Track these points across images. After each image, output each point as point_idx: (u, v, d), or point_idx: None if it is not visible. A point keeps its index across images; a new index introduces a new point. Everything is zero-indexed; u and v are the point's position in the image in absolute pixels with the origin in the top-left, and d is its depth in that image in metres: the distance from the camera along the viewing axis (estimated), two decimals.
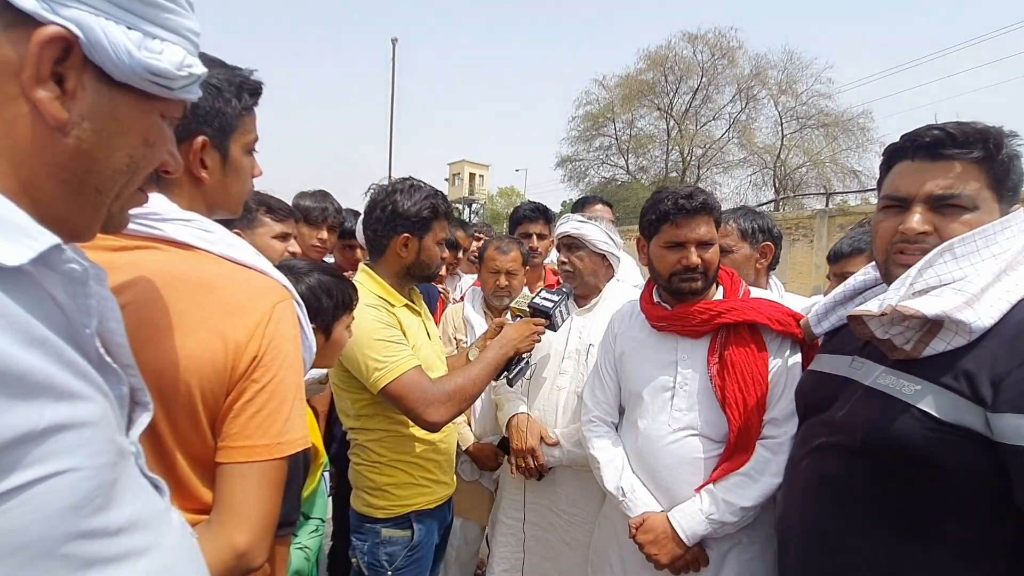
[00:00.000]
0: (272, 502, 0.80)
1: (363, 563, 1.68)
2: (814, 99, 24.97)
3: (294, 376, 0.83)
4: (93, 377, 0.49)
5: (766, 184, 26.14)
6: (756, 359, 1.44)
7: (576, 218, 2.01)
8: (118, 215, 0.61)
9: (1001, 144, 0.97)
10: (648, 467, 1.55)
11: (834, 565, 1.07)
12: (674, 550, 1.44)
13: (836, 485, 1.08)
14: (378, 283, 1.67)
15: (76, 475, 0.44)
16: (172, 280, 0.79)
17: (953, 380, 0.92)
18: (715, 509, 1.40)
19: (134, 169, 0.58)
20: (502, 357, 1.67)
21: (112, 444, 0.49)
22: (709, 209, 1.48)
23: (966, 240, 0.97)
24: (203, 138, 0.86)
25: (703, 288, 1.52)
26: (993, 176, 0.98)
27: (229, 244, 0.86)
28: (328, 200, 2.52)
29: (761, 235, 1.98)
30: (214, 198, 0.91)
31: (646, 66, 26.85)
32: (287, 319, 0.84)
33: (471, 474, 2.32)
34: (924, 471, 0.95)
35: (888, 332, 0.99)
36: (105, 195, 0.57)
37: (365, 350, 1.52)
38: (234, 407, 0.79)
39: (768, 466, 1.39)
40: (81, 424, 0.45)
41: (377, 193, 1.68)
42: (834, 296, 1.30)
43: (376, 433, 1.66)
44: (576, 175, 29.55)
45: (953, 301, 0.93)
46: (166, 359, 0.76)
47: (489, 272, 2.38)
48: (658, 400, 1.55)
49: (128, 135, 0.56)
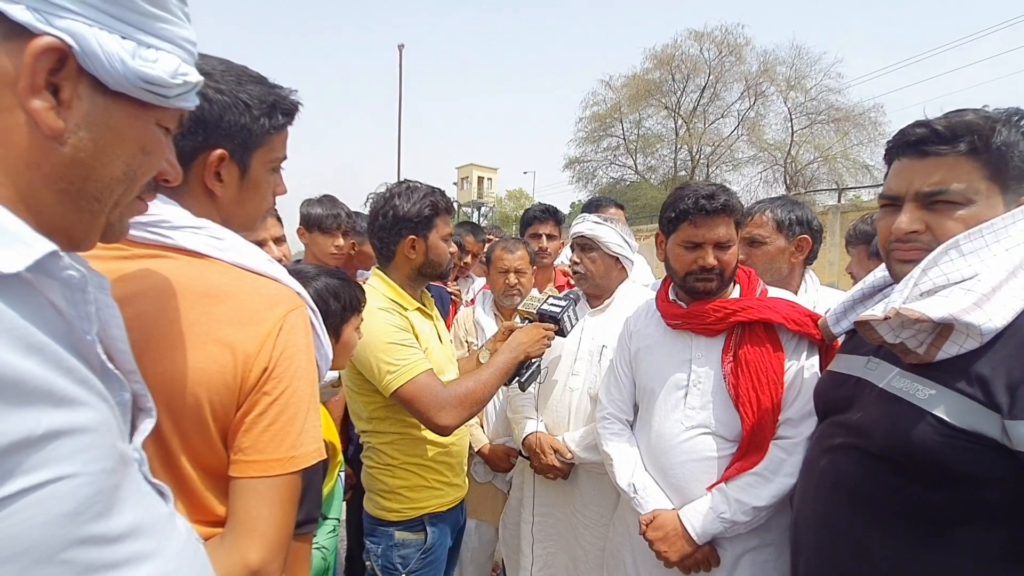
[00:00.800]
0: (286, 517, 0.78)
1: (377, 566, 1.68)
2: (824, 94, 24.77)
3: (308, 387, 0.81)
4: (93, 383, 0.49)
5: (777, 181, 25.92)
6: (771, 358, 1.42)
7: (592, 219, 1.99)
8: (117, 224, 0.61)
9: (988, 134, 0.93)
10: (660, 465, 1.54)
11: (846, 566, 1.04)
12: (684, 548, 1.43)
13: (851, 486, 1.06)
14: (390, 287, 1.68)
15: (75, 481, 0.44)
16: (181, 289, 0.78)
17: (967, 385, 0.89)
18: (727, 508, 1.39)
19: (132, 177, 0.59)
20: (512, 361, 1.67)
21: (113, 450, 0.49)
22: (730, 210, 1.46)
23: (973, 236, 0.93)
24: (221, 151, 0.85)
25: (717, 289, 1.51)
26: (990, 167, 0.94)
27: (240, 251, 0.84)
28: (338, 206, 2.51)
29: (799, 227, 1.84)
30: (228, 212, 0.90)
31: (653, 65, 26.80)
32: (299, 328, 0.82)
33: (485, 476, 2.32)
34: (940, 476, 0.92)
35: (899, 336, 0.96)
36: (103, 204, 0.57)
37: (378, 353, 1.53)
38: (245, 420, 0.78)
39: (782, 466, 1.38)
40: (80, 430, 0.46)
41: (376, 201, 1.69)
42: (852, 295, 1.28)
43: (389, 436, 1.66)
44: (584, 176, 29.53)
45: (962, 302, 0.89)
46: (175, 371, 0.75)
47: (498, 272, 2.38)
48: (672, 398, 1.54)
49: (124, 143, 0.57)
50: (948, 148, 0.96)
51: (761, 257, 1.84)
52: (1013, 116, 0.95)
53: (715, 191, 1.46)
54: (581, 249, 1.99)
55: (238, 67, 0.87)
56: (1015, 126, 0.94)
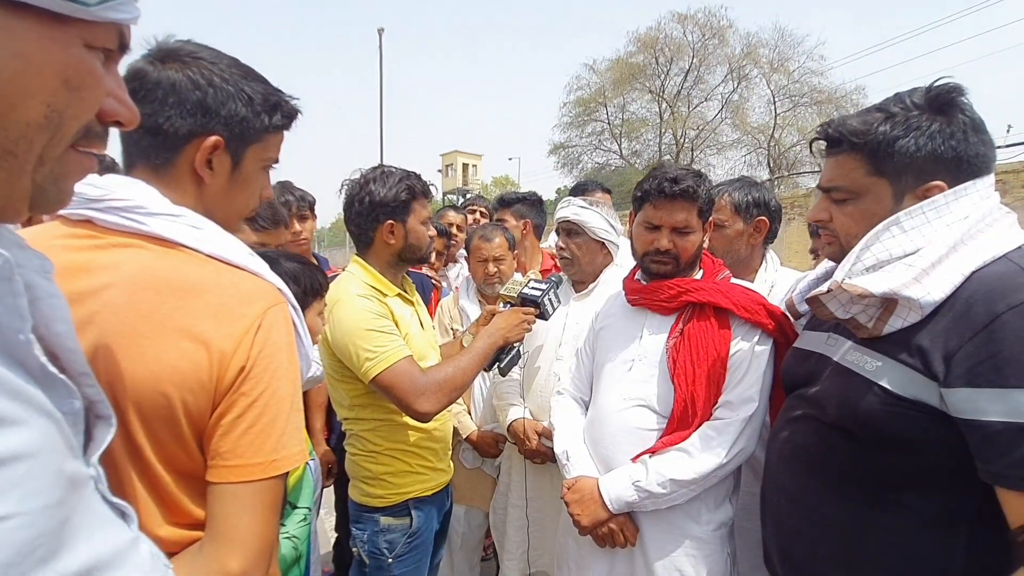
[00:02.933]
0: (268, 523, 0.74)
1: (364, 552, 1.69)
2: (806, 76, 24.79)
3: (288, 387, 0.77)
4: (30, 395, 0.40)
5: (760, 164, 26.02)
6: (715, 336, 1.43)
7: (577, 203, 1.97)
8: (50, 187, 0.48)
9: (865, 133, 1.01)
10: (594, 435, 1.57)
11: (808, 531, 1.10)
12: (597, 513, 1.43)
13: (808, 454, 1.12)
14: (370, 273, 1.67)
15: (10, 524, 0.37)
16: (154, 281, 0.74)
17: (909, 356, 0.94)
18: (642, 477, 1.40)
19: (56, 122, 0.45)
20: (491, 347, 1.68)
21: (59, 477, 0.41)
22: (691, 196, 1.45)
23: (913, 212, 0.98)
24: (217, 138, 0.81)
25: (672, 273, 1.52)
26: (871, 162, 1.02)
27: (219, 243, 0.81)
28: (287, 191, 2.46)
29: (756, 209, 1.86)
30: (213, 203, 0.86)
31: (636, 49, 26.59)
32: (279, 325, 0.78)
33: (473, 462, 2.33)
34: (887, 443, 0.97)
35: (849, 311, 1.01)
36: (21, 159, 0.44)
37: (357, 340, 1.53)
38: (222, 423, 0.74)
39: (709, 444, 1.37)
40: (13, 458, 0.37)
41: (351, 188, 1.68)
42: (816, 273, 1.33)
43: (371, 423, 1.67)
44: (569, 162, 29.37)
45: (902, 277, 0.94)
46: (145, 368, 0.71)
47: (477, 261, 2.38)
48: (617, 371, 1.56)
49: (38, 75, 0.43)
50: (836, 149, 1.07)
51: (720, 240, 1.87)
52: (881, 109, 1.02)
53: (681, 175, 1.45)
54: (567, 234, 1.99)
55: (246, 66, 0.87)
56: (894, 121, 1.00)
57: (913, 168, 0.99)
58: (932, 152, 0.98)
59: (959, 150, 0.97)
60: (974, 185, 0.98)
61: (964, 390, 0.87)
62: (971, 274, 0.92)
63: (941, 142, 0.97)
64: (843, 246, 1.08)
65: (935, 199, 0.97)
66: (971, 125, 0.98)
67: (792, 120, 25.37)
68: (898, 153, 0.99)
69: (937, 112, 0.99)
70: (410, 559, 1.70)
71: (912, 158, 0.99)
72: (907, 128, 0.99)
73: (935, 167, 0.98)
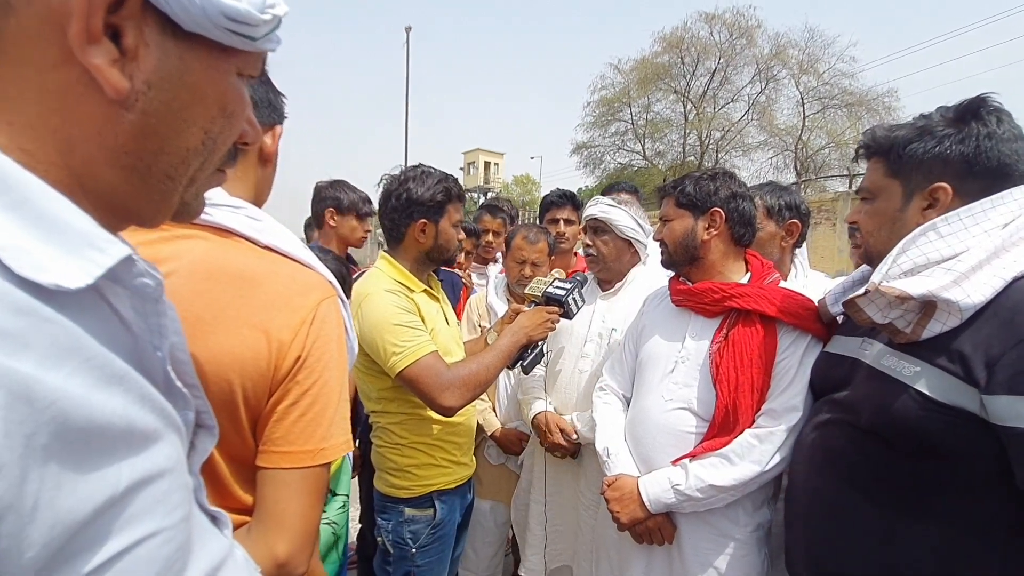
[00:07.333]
0: (314, 509, 0.76)
1: (388, 542, 1.72)
2: (837, 78, 24.29)
3: (338, 378, 0.79)
4: (168, 411, 0.41)
5: (787, 166, 25.58)
6: (761, 343, 1.41)
7: (606, 201, 1.98)
8: (193, 202, 0.50)
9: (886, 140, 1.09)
10: (635, 434, 1.58)
11: (835, 534, 1.10)
12: (635, 512, 1.46)
13: (841, 459, 1.11)
14: (397, 269, 1.70)
15: (156, 540, 0.37)
16: (215, 271, 0.76)
17: (949, 362, 0.94)
18: (682, 481, 1.41)
19: (211, 147, 0.47)
20: (514, 345, 1.68)
21: (187, 491, 0.42)
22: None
23: (950, 219, 0.99)
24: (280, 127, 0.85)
25: (668, 260, 1.62)
26: (890, 165, 1.09)
27: (276, 234, 0.83)
28: (349, 190, 2.58)
29: (788, 212, 1.89)
30: (264, 186, 0.89)
31: (662, 48, 26.36)
32: (332, 317, 0.80)
33: (497, 458, 2.34)
34: (923, 449, 0.96)
35: (888, 316, 1.01)
36: (177, 181, 0.46)
37: (384, 335, 1.55)
38: (276, 409, 0.76)
39: (751, 452, 1.36)
40: (158, 474, 0.38)
41: (390, 183, 1.70)
42: (852, 277, 1.32)
43: (397, 416, 1.70)
44: (592, 161, 29.26)
45: (941, 280, 0.94)
46: (208, 355, 0.72)
47: (515, 261, 2.37)
48: (659, 372, 1.56)
49: (202, 104, 0.44)
50: (867, 154, 1.16)
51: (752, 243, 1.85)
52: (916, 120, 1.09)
53: (680, 178, 1.62)
54: (594, 232, 1.99)
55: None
56: (914, 127, 1.06)
57: (922, 169, 1.04)
58: (939, 155, 1.02)
59: (968, 155, 1.00)
60: (1011, 194, 0.98)
61: (1006, 397, 0.86)
62: (1012, 281, 0.92)
63: (948, 146, 1.01)
64: (865, 244, 1.16)
65: (972, 206, 0.98)
66: (987, 134, 0.99)
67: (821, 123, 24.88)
68: (908, 155, 1.05)
69: (958, 121, 1.02)
70: (433, 550, 1.72)
71: (921, 160, 1.04)
72: (921, 133, 1.04)
73: (942, 169, 1.02)
